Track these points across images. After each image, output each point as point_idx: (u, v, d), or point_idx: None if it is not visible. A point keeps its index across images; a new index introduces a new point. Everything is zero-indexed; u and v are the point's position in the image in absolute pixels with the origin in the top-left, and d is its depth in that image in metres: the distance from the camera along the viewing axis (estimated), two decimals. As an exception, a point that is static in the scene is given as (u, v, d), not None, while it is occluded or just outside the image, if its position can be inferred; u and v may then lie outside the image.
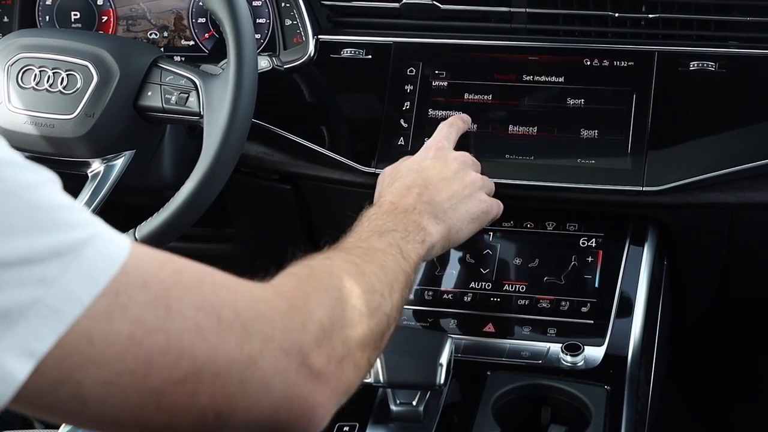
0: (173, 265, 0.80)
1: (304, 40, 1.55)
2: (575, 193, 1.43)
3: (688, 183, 1.40)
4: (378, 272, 1.01)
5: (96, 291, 0.73)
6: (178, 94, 1.37)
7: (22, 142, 1.40)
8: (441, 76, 1.51)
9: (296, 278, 0.94)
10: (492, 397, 1.24)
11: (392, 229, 1.14)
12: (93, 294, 0.72)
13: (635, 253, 1.42)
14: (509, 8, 1.50)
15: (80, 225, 0.74)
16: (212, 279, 0.83)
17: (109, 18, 1.65)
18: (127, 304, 0.74)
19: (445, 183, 1.27)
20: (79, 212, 0.76)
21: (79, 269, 0.72)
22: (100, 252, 0.74)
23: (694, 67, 1.43)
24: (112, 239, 0.76)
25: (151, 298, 0.76)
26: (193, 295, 0.79)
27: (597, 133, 1.44)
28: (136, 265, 0.76)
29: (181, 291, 0.78)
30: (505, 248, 1.45)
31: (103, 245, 0.75)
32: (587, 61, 1.47)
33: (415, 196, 1.22)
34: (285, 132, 1.54)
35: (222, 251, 1.80)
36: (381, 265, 1.03)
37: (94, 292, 0.72)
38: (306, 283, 0.92)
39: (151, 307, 0.75)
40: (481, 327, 1.39)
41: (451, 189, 1.27)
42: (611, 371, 1.31)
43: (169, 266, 0.79)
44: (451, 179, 1.28)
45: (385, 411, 1.25)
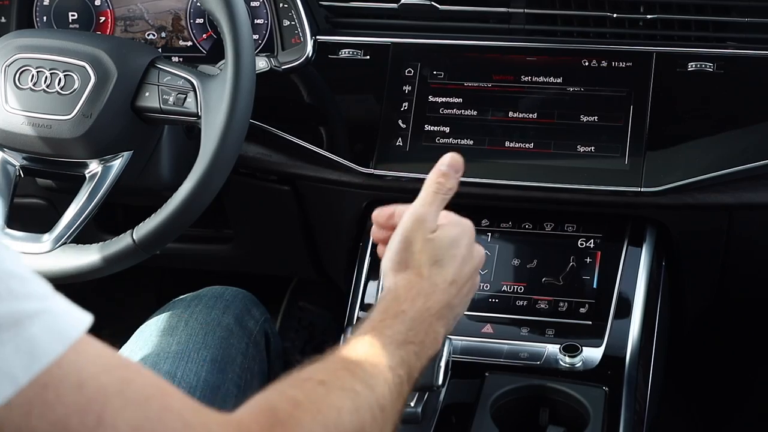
0: (124, 373, 0.71)
1: (302, 41, 1.55)
2: (573, 194, 1.43)
3: (687, 184, 1.39)
4: (375, 409, 0.91)
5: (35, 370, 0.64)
6: (175, 95, 1.37)
7: (19, 142, 1.40)
8: (439, 76, 1.50)
9: (272, 415, 0.82)
10: (490, 398, 1.24)
11: (411, 341, 1.02)
12: (32, 373, 0.64)
13: (633, 253, 1.42)
14: (507, 9, 1.49)
15: (30, 297, 0.67)
16: (165, 401, 0.73)
17: (107, 18, 1.65)
18: (52, 401, 0.65)
19: (470, 284, 1.14)
20: (34, 284, 0.68)
21: (18, 345, 0.64)
22: (48, 330, 0.66)
23: (693, 67, 1.43)
24: (64, 318, 0.68)
25: (83, 402, 0.67)
26: (136, 412, 0.69)
27: (595, 134, 1.43)
28: (76, 360, 0.67)
29: (122, 403, 0.68)
30: (503, 249, 1.45)
31: (52, 322, 0.67)
32: (585, 62, 1.47)
33: (446, 298, 1.08)
34: (283, 133, 1.54)
35: (220, 252, 1.80)
36: (381, 400, 0.92)
37: (33, 370, 0.65)
38: (282, 426, 0.81)
39: (80, 413, 0.66)
40: (479, 328, 1.39)
41: (470, 287, 1.14)
42: (609, 372, 1.31)
43: (118, 372, 0.70)
44: (471, 277, 1.14)
45: (383, 412, 1.25)
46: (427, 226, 1.09)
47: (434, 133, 1.48)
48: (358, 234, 1.55)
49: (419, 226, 1.09)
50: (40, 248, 1.37)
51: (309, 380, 0.89)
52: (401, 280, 1.07)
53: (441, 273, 1.08)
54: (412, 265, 1.07)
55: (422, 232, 1.08)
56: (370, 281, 1.47)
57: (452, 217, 1.14)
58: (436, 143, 1.47)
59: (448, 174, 1.14)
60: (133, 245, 1.33)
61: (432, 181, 1.13)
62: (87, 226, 1.39)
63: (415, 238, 1.08)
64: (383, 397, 0.92)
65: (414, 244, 1.08)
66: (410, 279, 1.07)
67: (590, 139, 1.43)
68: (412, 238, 1.08)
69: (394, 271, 1.08)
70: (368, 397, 0.90)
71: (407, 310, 1.03)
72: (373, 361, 0.95)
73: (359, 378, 0.92)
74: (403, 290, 1.06)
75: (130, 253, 1.34)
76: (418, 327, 1.03)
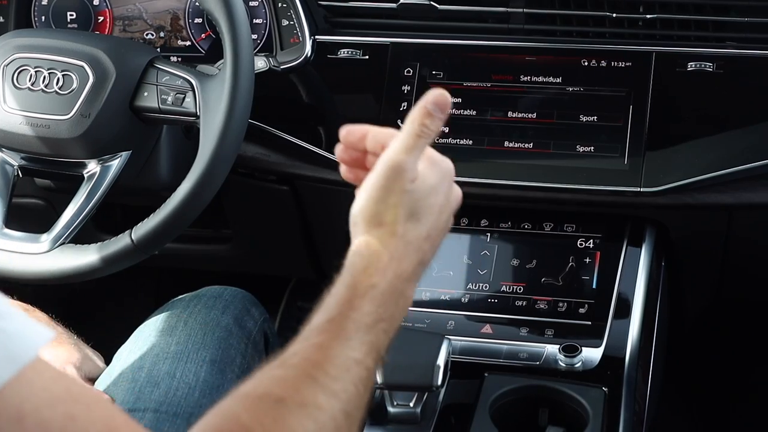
0: (70, 408, 0.66)
1: (301, 41, 1.55)
2: (573, 194, 1.43)
3: (686, 184, 1.39)
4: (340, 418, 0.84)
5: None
6: (174, 95, 1.37)
7: (17, 142, 1.40)
8: (438, 76, 1.50)
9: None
10: (489, 399, 1.24)
11: (381, 319, 0.93)
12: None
13: (633, 254, 1.42)
14: (507, 8, 1.49)
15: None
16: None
17: (105, 18, 1.64)
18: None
19: (444, 233, 1.03)
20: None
21: None
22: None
23: (692, 67, 1.43)
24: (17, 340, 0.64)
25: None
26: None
27: (594, 134, 1.43)
28: (20, 389, 0.63)
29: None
30: (502, 249, 1.45)
31: (2, 345, 0.63)
32: (585, 62, 1.46)
33: (419, 257, 0.98)
34: (282, 133, 1.53)
35: (219, 252, 1.80)
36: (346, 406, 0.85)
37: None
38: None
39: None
40: (478, 328, 1.39)
41: (444, 235, 1.03)
42: (609, 372, 1.31)
43: (63, 407, 0.66)
44: (447, 225, 1.04)
45: (383, 412, 1.25)
46: (406, 176, 0.97)
47: (433, 133, 1.47)
48: (357, 234, 1.55)
49: (398, 176, 0.96)
50: (38, 248, 1.37)
51: (264, 398, 0.81)
52: (373, 241, 0.96)
53: (416, 228, 0.97)
54: (386, 221, 0.96)
55: (401, 182, 0.97)
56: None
57: (429, 157, 1.02)
58: (435, 143, 1.45)
59: (434, 114, 1.01)
60: (132, 245, 1.33)
61: (415, 123, 1.00)
62: (85, 226, 1.39)
63: (393, 189, 0.96)
64: (349, 402, 0.86)
65: (391, 196, 0.96)
66: (383, 240, 0.96)
67: (590, 139, 1.43)
68: (389, 189, 0.96)
69: (366, 224, 0.97)
70: (332, 408, 0.83)
71: (378, 283, 0.93)
72: (340, 359, 0.87)
73: (322, 386, 0.84)
74: (375, 258, 0.95)
75: (128, 253, 1.34)
76: (388, 300, 0.93)
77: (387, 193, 0.97)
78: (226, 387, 1.36)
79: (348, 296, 0.93)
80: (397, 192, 0.97)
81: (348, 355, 0.87)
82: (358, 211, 0.99)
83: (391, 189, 0.97)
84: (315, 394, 0.82)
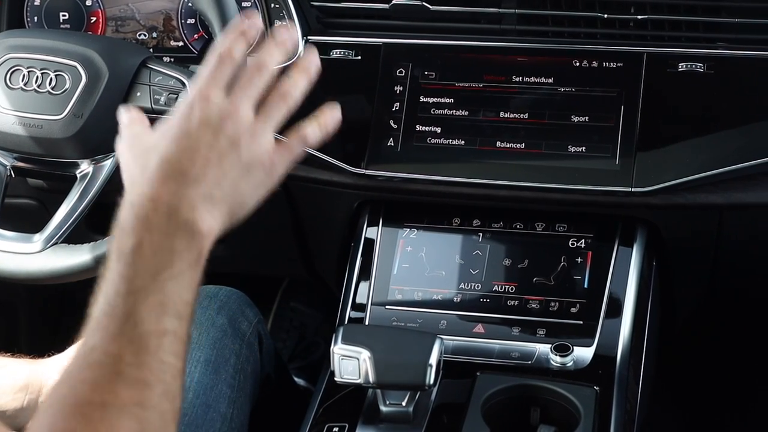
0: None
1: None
2: (564, 194, 1.43)
3: (677, 184, 1.40)
4: (164, 404, 0.81)
5: None
6: (167, 95, 1.37)
7: (10, 142, 1.40)
8: (430, 77, 1.51)
9: None
10: (481, 398, 1.25)
11: (159, 269, 0.86)
12: None
13: (624, 253, 1.43)
14: (499, 9, 1.50)
15: None
16: None
17: (98, 19, 1.64)
18: None
19: (217, 151, 0.92)
20: None
21: None
22: None
23: (683, 68, 1.43)
24: None
25: None
26: None
27: (586, 134, 1.44)
28: None
29: None
30: (494, 249, 1.46)
31: None
32: (576, 62, 1.47)
33: (180, 181, 0.89)
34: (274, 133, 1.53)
35: (212, 252, 1.79)
36: (168, 388, 0.83)
37: None
38: None
39: None
40: (470, 328, 1.40)
41: (225, 156, 0.93)
42: (600, 372, 1.32)
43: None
44: (223, 144, 0.92)
45: (375, 412, 1.26)
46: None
47: (425, 133, 1.48)
48: (349, 234, 1.55)
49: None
50: (31, 248, 1.37)
51: (88, 406, 0.78)
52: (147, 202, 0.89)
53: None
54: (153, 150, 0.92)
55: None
56: (361, 282, 1.47)
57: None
58: (427, 143, 1.48)
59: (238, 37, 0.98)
60: (125, 245, 1.33)
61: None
62: (78, 226, 1.39)
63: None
64: (163, 382, 0.82)
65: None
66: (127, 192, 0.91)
67: (581, 140, 1.44)
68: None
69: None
70: (150, 398, 0.81)
71: (127, 242, 0.87)
72: (135, 342, 0.82)
73: (134, 379, 0.81)
74: (121, 218, 0.90)
75: (121, 253, 1.34)
76: (157, 247, 0.86)
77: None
78: (220, 387, 1.36)
79: (114, 268, 0.87)
80: None
81: (140, 332, 0.83)
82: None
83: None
84: (129, 391, 0.80)
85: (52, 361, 1.34)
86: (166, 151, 0.91)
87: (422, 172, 1.46)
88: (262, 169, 0.95)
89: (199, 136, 0.91)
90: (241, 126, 0.94)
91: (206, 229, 0.91)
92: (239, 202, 0.95)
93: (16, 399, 1.29)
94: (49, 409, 0.79)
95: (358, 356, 1.20)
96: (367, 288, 1.46)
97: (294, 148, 1.00)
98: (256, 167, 0.95)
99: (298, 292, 2.20)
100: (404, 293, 1.44)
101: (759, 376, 1.98)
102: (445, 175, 1.46)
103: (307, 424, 1.31)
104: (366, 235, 1.51)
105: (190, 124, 0.92)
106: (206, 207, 0.90)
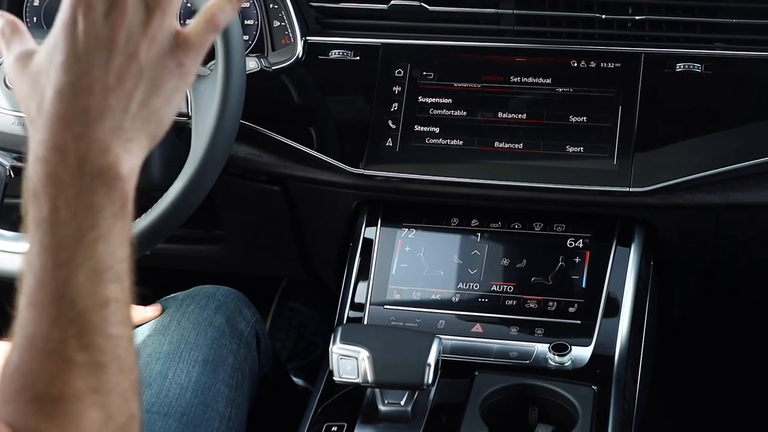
0: None
1: (293, 42, 1.56)
2: (562, 194, 1.43)
3: (675, 184, 1.40)
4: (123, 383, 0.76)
5: None
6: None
7: (10, 142, 1.40)
8: (429, 77, 1.51)
9: None
10: (480, 397, 1.25)
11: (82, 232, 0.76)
12: None
13: (622, 253, 1.43)
14: (497, 10, 1.50)
15: None
16: None
17: (97, 19, 1.64)
18: None
19: (115, 72, 0.78)
20: None
21: None
22: None
23: (681, 68, 1.44)
24: None
25: None
26: None
27: (584, 134, 1.44)
28: None
29: None
30: (492, 249, 1.46)
31: None
32: (574, 63, 1.47)
33: (82, 119, 0.77)
34: (273, 133, 1.54)
35: (211, 253, 1.80)
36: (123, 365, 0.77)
37: None
38: None
39: None
40: (468, 327, 1.40)
41: (126, 75, 0.78)
42: (598, 371, 1.32)
43: None
44: (120, 62, 0.78)
45: (373, 411, 1.26)
46: None
47: (424, 133, 1.48)
48: (348, 234, 1.55)
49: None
50: (30, 248, 1.37)
51: (45, 399, 0.74)
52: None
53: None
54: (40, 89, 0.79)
55: None
56: (359, 282, 1.48)
57: None
58: (425, 143, 1.48)
59: None
60: (123, 245, 1.33)
61: None
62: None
63: None
64: (122, 358, 0.76)
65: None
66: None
67: (579, 140, 1.44)
68: None
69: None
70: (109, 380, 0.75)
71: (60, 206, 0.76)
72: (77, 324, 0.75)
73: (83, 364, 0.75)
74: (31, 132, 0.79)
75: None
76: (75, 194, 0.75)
77: None
78: (217, 387, 1.36)
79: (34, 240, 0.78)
80: None
81: (80, 309, 0.75)
82: None
83: None
84: (83, 379, 0.74)
85: None
86: (58, 82, 0.77)
87: (421, 172, 1.46)
88: (170, 75, 0.81)
89: (90, 58, 0.77)
90: (134, 32, 0.78)
91: (126, 170, 0.78)
92: (155, 122, 0.81)
93: None
94: (6, 407, 0.74)
95: (356, 356, 1.21)
96: (366, 288, 1.46)
97: (203, 36, 0.83)
98: (164, 76, 0.80)
99: (296, 292, 2.20)
100: (403, 293, 1.44)
101: (757, 375, 1.98)
102: (444, 175, 1.46)
103: (305, 423, 1.31)
104: (364, 235, 1.51)
105: (77, 44, 0.78)
106: (119, 143, 0.77)
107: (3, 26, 0.85)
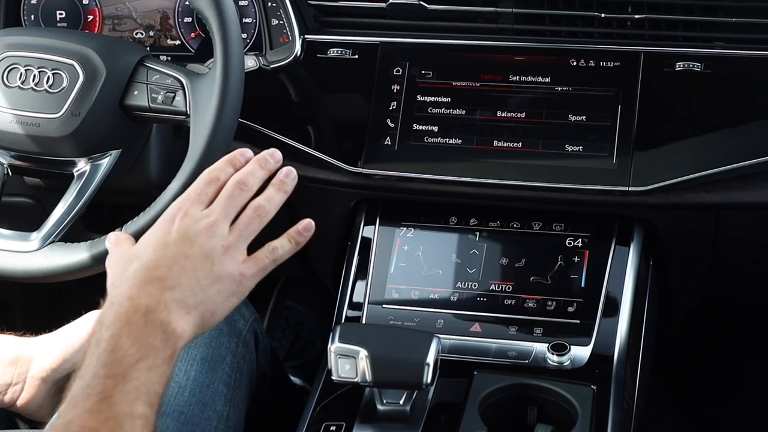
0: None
1: (291, 40, 1.55)
2: (561, 194, 1.43)
3: (674, 183, 1.40)
4: None
5: None
6: (164, 94, 1.37)
7: (7, 141, 1.40)
8: (427, 76, 1.51)
9: None
10: (479, 397, 1.25)
11: (136, 359, 0.95)
12: None
13: (621, 253, 1.43)
14: (496, 8, 1.50)
15: None
16: None
17: (95, 17, 1.64)
18: None
19: (192, 262, 1.02)
20: None
21: None
22: None
23: (680, 67, 1.44)
24: None
25: None
26: None
27: (583, 133, 1.44)
28: None
29: None
30: (491, 248, 1.46)
31: None
32: (573, 62, 1.47)
33: (158, 286, 1.00)
34: (272, 132, 1.54)
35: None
36: None
37: None
38: None
39: None
40: (467, 327, 1.40)
41: (199, 267, 1.03)
42: (597, 371, 1.32)
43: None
44: (197, 256, 1.03)
45: (372, 410, 1.26)
46: None
47: (423, 132, 1.48)
48: (346, 233, 1.55)
49: None
50: (28, 246, 1.37)
51: None
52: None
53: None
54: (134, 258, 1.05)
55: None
56: (357, 281, 1.48)
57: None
58: (424, 142, 1.48)
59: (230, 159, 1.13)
60: (122, 244, 1.33)
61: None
62: (75, 224, 1.39)
63: None
64: None
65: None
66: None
67: (578, 139, 1.44)
68: None
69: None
70: None
71: (115, 323, 0.97)
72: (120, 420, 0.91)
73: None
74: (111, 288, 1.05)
75: (118, 251, 1.33)
76: (137, 332, 0.96)
77: None
78: (216, 385, 1.36)
79: (93, 354, 0.96)
80: None
81: (116, 412, 0.91)
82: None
83: None
84: None
85: (42, 338, 1.34)
86: (146, 258, 1.02)
87: (419, 171, 1.46)
88: (231, 281, 1.04)
89: (176, 247, 1.02)
90: (215, 241, 1.04)
91: (180, 330, 0.99)
92: (210, 310, 1.03)
93: (6, 374, 1.30)
94: None
95: (355, 355, 1.20)
96: (364, 287, 1.46)
97: (263, 261, 1.08)
98: (226, 279, 1.03)
99: (294, 290, 2.20)
100: (401, 292, 1.44)
101: (755, 374, 1.98)
102: (442, 174, 1.46)
103: (304, 422, 1.31)
104: (363, 233, 1.51)
105: (169, 236, 1.03)
106: (180, 311, 0.99)
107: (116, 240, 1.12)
